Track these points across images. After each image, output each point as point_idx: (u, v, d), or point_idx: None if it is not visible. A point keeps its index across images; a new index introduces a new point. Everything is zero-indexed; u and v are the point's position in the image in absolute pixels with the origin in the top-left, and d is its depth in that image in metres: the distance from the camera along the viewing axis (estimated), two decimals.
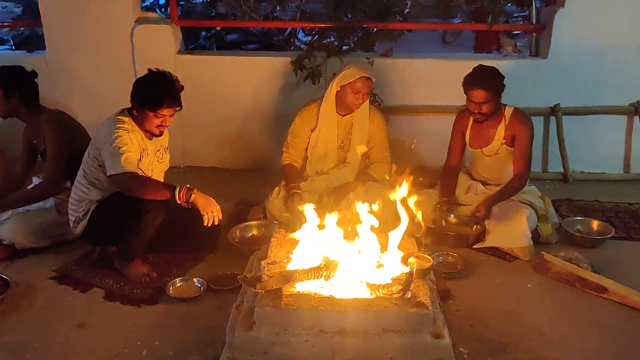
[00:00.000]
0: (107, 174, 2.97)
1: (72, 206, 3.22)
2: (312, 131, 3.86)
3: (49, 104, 3.62)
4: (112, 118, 3.09)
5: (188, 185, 3.00)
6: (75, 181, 3.22)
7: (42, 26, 4.87)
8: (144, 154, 3.12)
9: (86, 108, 4.82)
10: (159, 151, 3.31)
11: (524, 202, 3.57)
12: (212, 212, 3.03)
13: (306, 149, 3.92)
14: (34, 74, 3.52)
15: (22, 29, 7.84)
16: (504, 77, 3.57)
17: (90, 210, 3.16)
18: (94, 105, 4.90)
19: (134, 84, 3.10)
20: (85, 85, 4.93)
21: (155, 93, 3.04)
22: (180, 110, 3.14)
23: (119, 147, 2.94)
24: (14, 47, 7.09)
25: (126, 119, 3.09)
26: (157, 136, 3.20)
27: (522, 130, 3.60)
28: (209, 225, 3.05)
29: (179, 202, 2.97)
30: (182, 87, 3.13)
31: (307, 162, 3.97)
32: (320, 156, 3.87)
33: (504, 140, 3.66)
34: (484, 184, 3.83)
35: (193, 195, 2.98)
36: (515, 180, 3.59)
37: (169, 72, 3.13)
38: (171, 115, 3.12)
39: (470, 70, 3.60)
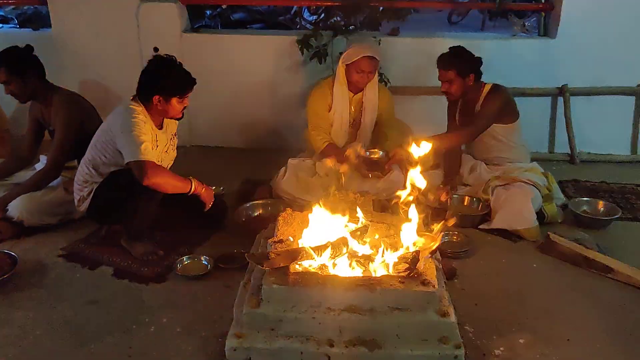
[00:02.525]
0: (125, 162, 2.93)
1: (77, 186, 3.24)
2: (329, 110, 3.84)
3: (54, 81, 3.60)
4: (125, 106, 3.04)
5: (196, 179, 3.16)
6: (81, 163, 3.22)
7: (47, 4, 4.84)
8: (154, 144, 3.10)
9: (92, 86, 4.82)
10: (171, 139, 3.30)
11: (527, 182, 3.57)
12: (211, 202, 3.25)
13: None
14: (29, 48, 3.45)
15: (25, 7, 7.82)
16: (473, 58, 3.58)
17: (93, 190, 3.17)
18: (100, 82, 4.91)
19: (150, 79, 3.02)
20: (90, 63, 4.92)
21: (180, 80, 3.02)
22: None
23: (138, 136, 2.92)
24: (18, 26, 7.08)
25: (139, 108, 3.05)
26: (179, 119, 3.20)
27: (488, 101, 3.59)
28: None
29: (190, 194, 3.12)
30: (181, 63, 3.10)
31: None
32: (334, 134, 3.87)
33: None
34: (487, 163, 3.83)
35: (204, 190, 3.19)
36: (452, 134, 3.71)
37: (167, 54, 3.09)
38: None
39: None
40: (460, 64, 3.54)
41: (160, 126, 3.18)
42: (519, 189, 3.51)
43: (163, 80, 3.00)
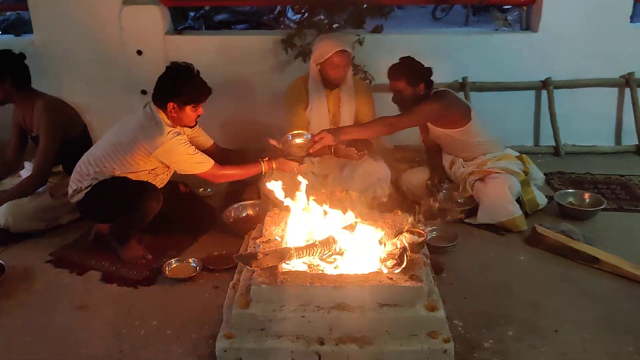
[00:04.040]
0: (195, 174, 3.19)
1: (77, 176, 3.18)
2: (306, 108, 3.83)
3: (37, 87, 3.58)
4: (159, 123, 3.04)
5: (267, 158, 3.36)
6: (89, 158, 3.17)
7: (29, 9, 4.80)
8: None
9: (75, 90, 4.78)
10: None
11: (502, 172, 3.60)
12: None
13: None
14: (22, 56, 3.46)
15: (8, 13, 7.76)
16: (423, 68, 3.56)
17: (92, 185, 3.14)
18: (83, 87, 4.87)
19: (167, 85, 3.05)
20: (73, 68, 4.87)
21: (196, 89, 3.07)
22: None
23: (186, 151, 3.08)
24: (0, 32, 7.02)
25: (167, 119, 3.09)
26: (191, 127, 3.24)
27: (423, 102, 3.53)
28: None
29: (265, 172, 3.36)
30: (199, 72, 3.17)
31: None
32: (314, 132, 3.86)
33: (433, 123, 3.69)
34: (464, 159, 3.85)
35: (274, 164, 3.36)
36: (370, 125, 3.60)
37: (185, 62, 3.13)
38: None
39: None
40: (410, 74, 3.53)
41: None
42: (495, 180, 3.54)
43: (179, 88, 3.02)
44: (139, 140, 3.04)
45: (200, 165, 3.16)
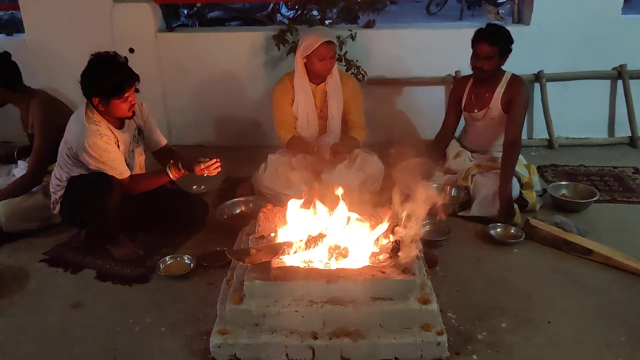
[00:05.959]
0: None
1: (52, 189, 3.21)
2: (292, 103, 3.84)
3: (30, 86, 3.57)
4: (80, 120, 2.97)
5: (172, 161, 3.09)
6: (57, 165, 3.19)
7: (20, 8, 4.79)
8: (120, 149, 3.09)
9: (67, 89, 4.71)
10: (134, 136, 3.23)
11: None
12: (207, 169, 3.06)
13: None
14: (7, 55, 3.42)
15: (1, 13, 7.74)
16: (512, 41, 3.58)
17: (63, 194, 3.16)
18: (75, 86, 4.83)
19: (86, 81, 2.93)
20: (65, 67, 4.84)
21: (114, 81, 2.89)
22: (139, 82, 3.01)
23: (100, 159, 2.96)
24: None
25: (96, 116, 2.99)
26: (130, 118, 3.11)
27: (518, 95, 3.60)
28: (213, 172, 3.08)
29: (174, 178, 3.11)
30: (127, 59, 3.00)
31: None
32: (303, 127, 3.87)
33: (501, 105, 3.68)
34: (472, 152, 3.86)
35: (182, 170, 3.07)
36: (510, 149, 3.54)
37: (107, 52, 2.97)
38: (134, 91, 3.01)
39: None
40: (505, 43, 3.52)
41: (120, 126, 3.12)
42: (496, 175, 3.54)
43: (97, 83, 2.90)
44: (67, 141, 3.03)
45: (111, 171, 3.01)
